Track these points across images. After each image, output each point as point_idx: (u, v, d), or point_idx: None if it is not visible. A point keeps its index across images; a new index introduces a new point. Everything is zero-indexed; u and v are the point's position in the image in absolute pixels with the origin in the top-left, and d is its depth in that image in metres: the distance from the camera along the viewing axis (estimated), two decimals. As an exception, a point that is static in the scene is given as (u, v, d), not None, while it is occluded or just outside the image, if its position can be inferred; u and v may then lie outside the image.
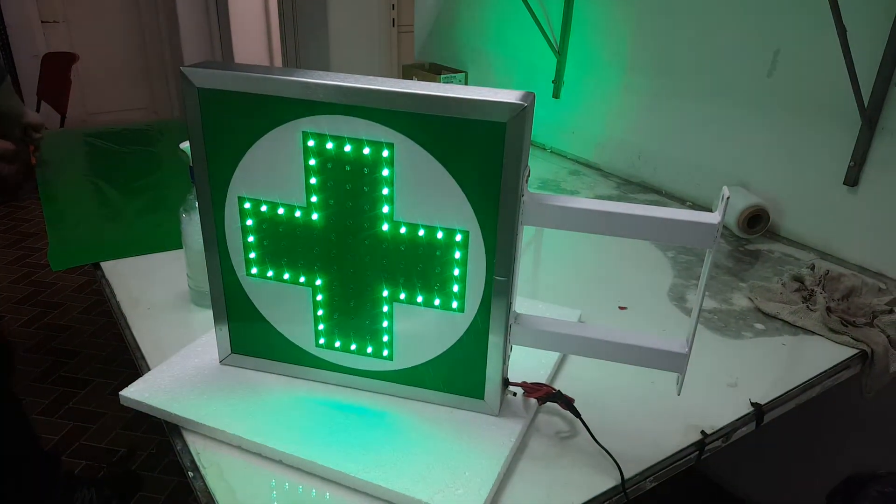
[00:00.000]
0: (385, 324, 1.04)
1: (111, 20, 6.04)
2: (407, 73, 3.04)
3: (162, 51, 6.35)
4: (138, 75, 6.34)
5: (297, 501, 0.91)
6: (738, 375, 1.23)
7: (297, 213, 0.99)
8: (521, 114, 0.84)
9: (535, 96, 0.87)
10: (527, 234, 0.96)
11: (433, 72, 2.97)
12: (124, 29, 6.14)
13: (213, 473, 0.94)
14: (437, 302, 1.00)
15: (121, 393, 1.06)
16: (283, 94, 0.91)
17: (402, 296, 1.01)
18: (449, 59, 3.06)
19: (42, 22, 5.64)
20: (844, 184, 1.68)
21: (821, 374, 1.27)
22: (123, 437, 2.56)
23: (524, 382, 1.05)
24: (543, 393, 1.04)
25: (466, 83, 2.89)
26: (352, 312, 1.05)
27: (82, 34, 5.89)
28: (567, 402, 1.03)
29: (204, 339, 1.19)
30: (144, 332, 1.28)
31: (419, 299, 1.00)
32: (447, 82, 2.82)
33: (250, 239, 1.03)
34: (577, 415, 1.02)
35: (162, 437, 2.57)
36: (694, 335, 0.94)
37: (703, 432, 1.07)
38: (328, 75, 0.90)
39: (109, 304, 1.40)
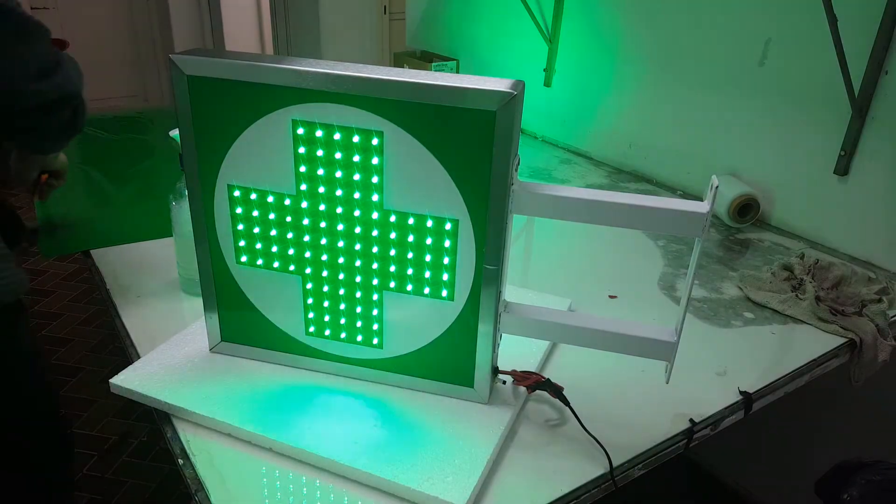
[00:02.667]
0: (375, 312, 1.04)
1: (102, 6, 6.00)
2: (398, 60, 3.03)
3: (153, 38, 6.31)
4: (129, 62, 6.30)
5: (287, 489, 0.91)
6: (727, 364, 1.24)
7: (287, 202, 0.99)
8: (510, 102, 0.84)
9: (524, 84, 0.87)
10: (517, 222, 0.96)
11: (424, 59, 2.96)
12: (115, 16, 6.10)
13: (203, 461, 0.94)
14: (426, 290, 1.00)
15: (111, 381, 1.06)
16: (273, 82, 0.90)
17: (392, 284, 1.01)
18: (440, 46, 3.05)
19: (32, 8, 5.59)
20: (835, 173, 1.69)
21: (809, 362, 1.28)
22: (115, 425, 2.56)
23: (514, 371, 1.06)
24: (533, 381, 1.04)
25: (458, 71, 2.89)
26: (342, 301, 1.05)
27: (73, 20, 5.84)
28: (556, 391, 1.03)
29: (194, 327, 1.19)
30: (134, 319, 1.27)
31: (409, 288, 1.00)
32: (438, 70, 2.82)
33: (240, 227, 1.02)
34: (567, 403, 1.03)
35: (153, 424, 2.56)
36: (682, 323, 0.95)
37: (691, 420, 1.08)
38: (318, 63, 0.90)
39: (100, 291, 1.39)
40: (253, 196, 0.99)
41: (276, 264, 1.04)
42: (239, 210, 1.01)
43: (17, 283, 1.20)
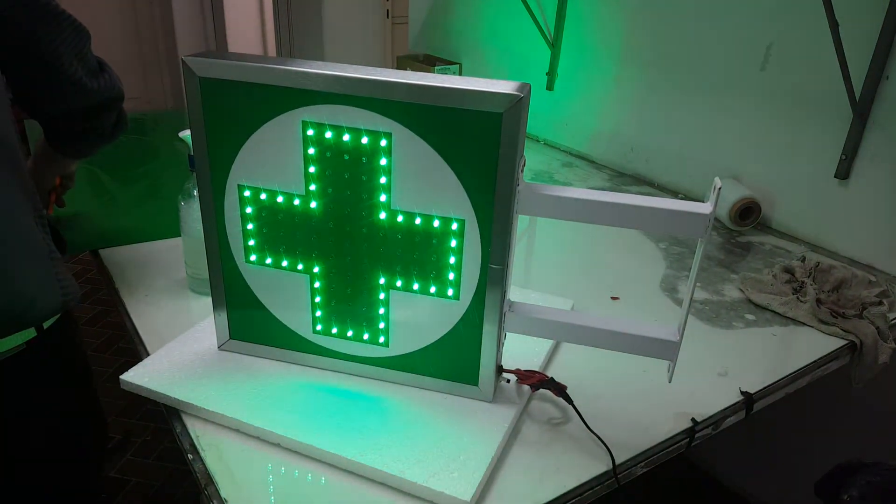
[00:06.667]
0: (381, 311, 1.05)
1: (105, 9, 6.01)
2: (401, 64, 3.05)
3: (156, 41, 6.32)
4: (133, 65, 6.30)
5: (295, 484, 0.93)
6: (728, 365, 1.25)
7: (296, 202, 1.00)
8: (517, 104, 0.85)
9: (530, 87, 0.88)
10: (520, 223, 0.98)
11: (427, 63, 2.97)
12: (118, 18, 6.11)
13: (213, 456, 0.95)
14: (432, 289, 1.01)
15: (121, 377, 1.07)
16: (284, 84, 0.92)
17: (399, 283, 1.02)
18: (443, 50, 3.07)
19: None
20: (835, 177, 1.70)
21: (810, 364, 1.29)
22: (119, 425, 2.57)
23: (518, 369, 1.07)
24: (536, 380, 1.05)
25: (461, 74, 2.90)
26: (349, 299, 1.06)
27: (76, 23, 5.85)
28: (560, 389, 1.04)
29: (202, 325, 1.20)
30: (143, 318, 1.28)
31: (415, 287, 1.02)
32: (441, 73, 2.83)
33: (249, 226, 1.04)
34: (570, 401, 1.04)
35: (157, 424, 2.58)
36: (685, 323, 0.96)
37: (693, 420, 1.09)
38: (328, 65, 0.91)
39: (108, 290, 1.41)
40: (263, 196, 1.01)
41: (284, 263, 1.05)
42: (249, 210, 1.02)
43: (75, 288, 1.22)
